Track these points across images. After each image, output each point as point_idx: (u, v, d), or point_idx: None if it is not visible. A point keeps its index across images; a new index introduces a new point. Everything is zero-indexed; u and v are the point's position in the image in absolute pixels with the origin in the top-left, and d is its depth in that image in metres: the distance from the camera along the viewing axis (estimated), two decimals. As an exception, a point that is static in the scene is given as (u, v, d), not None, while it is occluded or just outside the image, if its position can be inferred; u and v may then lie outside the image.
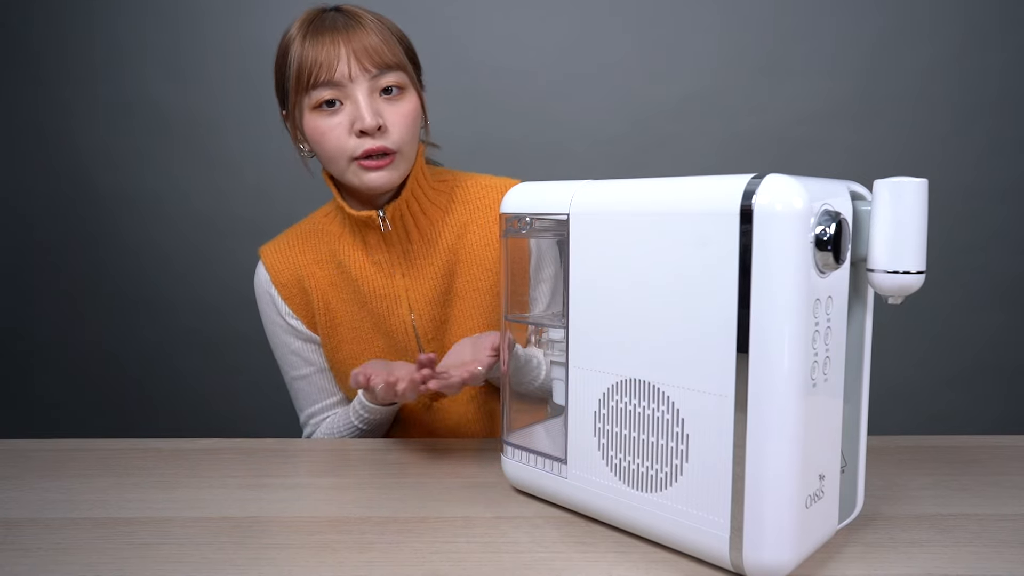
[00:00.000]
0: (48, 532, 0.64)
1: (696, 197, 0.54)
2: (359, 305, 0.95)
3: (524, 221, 0.67)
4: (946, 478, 0.74)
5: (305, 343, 0.99)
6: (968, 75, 1.77)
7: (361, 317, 0.96)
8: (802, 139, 1.80)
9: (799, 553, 0.53)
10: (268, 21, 1.80)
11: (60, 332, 1.93)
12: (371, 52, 0.83)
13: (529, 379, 0.79)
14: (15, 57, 1.83)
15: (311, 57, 0.82)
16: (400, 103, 0.86)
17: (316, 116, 0.84)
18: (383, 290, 0.94)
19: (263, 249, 1.00)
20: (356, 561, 0.58)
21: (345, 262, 0.95)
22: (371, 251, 0.94)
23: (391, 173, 0.86)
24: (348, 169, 0.86)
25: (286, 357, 1.00)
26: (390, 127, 0.85)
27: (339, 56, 0.82)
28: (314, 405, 1.00)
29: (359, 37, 0.83)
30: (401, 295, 0.94)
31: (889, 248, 0.53)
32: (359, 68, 0.82)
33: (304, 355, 0.99)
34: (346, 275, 0.95)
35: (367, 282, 0.95)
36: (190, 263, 1.89)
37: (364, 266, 0.94)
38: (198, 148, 1.85)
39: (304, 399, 1.01)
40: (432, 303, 0.95)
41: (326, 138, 0.85)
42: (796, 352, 0.50)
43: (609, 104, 1.81)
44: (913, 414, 1.88)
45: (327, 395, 1.00)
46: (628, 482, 0.60)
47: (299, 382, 1.00)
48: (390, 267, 0.94)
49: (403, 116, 0.86)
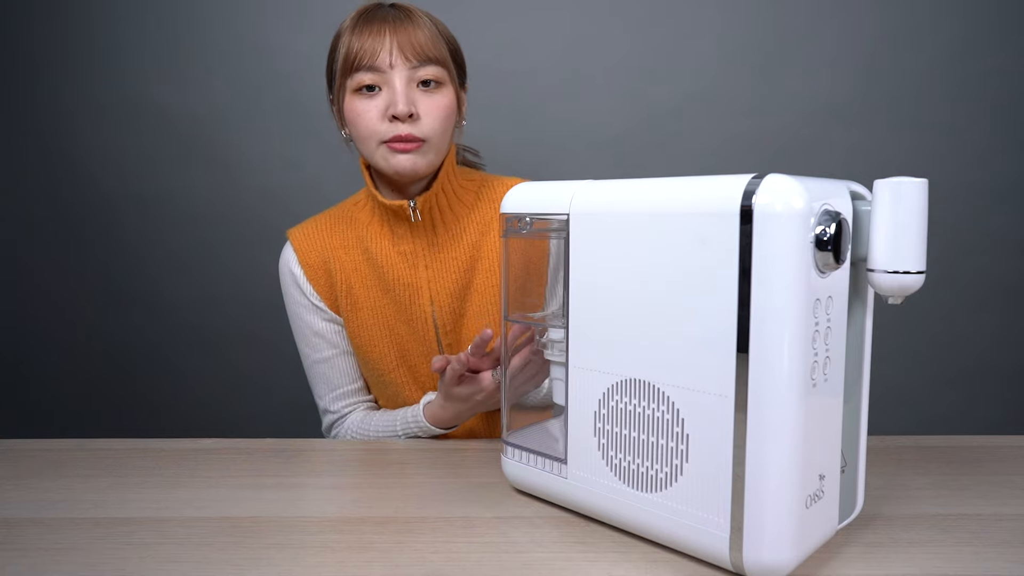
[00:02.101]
0: (48, 532, 0.64)
1: (696, 197, 0.54)
2: (383, 291, 0.98)
3: (524, 221, 0.67)
4: (946, 478, 0.74)
5: (328, 323, 1.00)
6: (968, 75, 1.77)
7: (384, 303, 0.98)
8: (802, 139, 1.80)
9: (799, 553, 0.53)
10: (269, 21, 1.80)
11: (60, 332, 1.93)
12: (414, 44, 0.87)
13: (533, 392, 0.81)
14: (15, 57, 1.83)
15: (358, 44, 0.87)
16: (435, 95, 0.89)
17: (355, 98, 0.89)
18: (407, 279, 0.97)
19: (291, 231, 1.02)
20: (356, 561, 0.58)
21: (371, 249, 0.97)
22: (398, 241, 0.97)
23: (418, 159, 0.89)
24: (377, 151, 0.89)
25: (308, 339, 1.01)
26: (423, 116, 0.88)
27: (383, 44, 0.87)
28: (336, 390, 1.01)
29: (406, 31, 0.87)
30: (423, 285, 0.97)
31: (889, 248, 0.53)
32: (400, 57, 0.87)
33: (327, 336, 1.01)
34: (372, 262, 0.98)
35: (392, 270, 0.97)
36: (190, 263, 1.89)
37: (390, 255, 0.97)
38: (199, 148, 1.85)
39: (325, 384, 1.02)
40: (452, 296, 0.97)
41: (360, 119, 0.89)
42: (796, 352, 0.50)
43: (609, 104, 1.81)
44: (913, 414, 1.88)
45: (350, 380, 1.02)
46: (628, 482, 0.60)
47: (321, 365, 1.01)
48: (415, 258, 0.97)
49: (437, 108, 0.89)
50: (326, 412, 1.03)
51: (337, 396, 1.02)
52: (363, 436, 0.99)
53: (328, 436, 1.03)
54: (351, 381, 1.02)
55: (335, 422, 1.02)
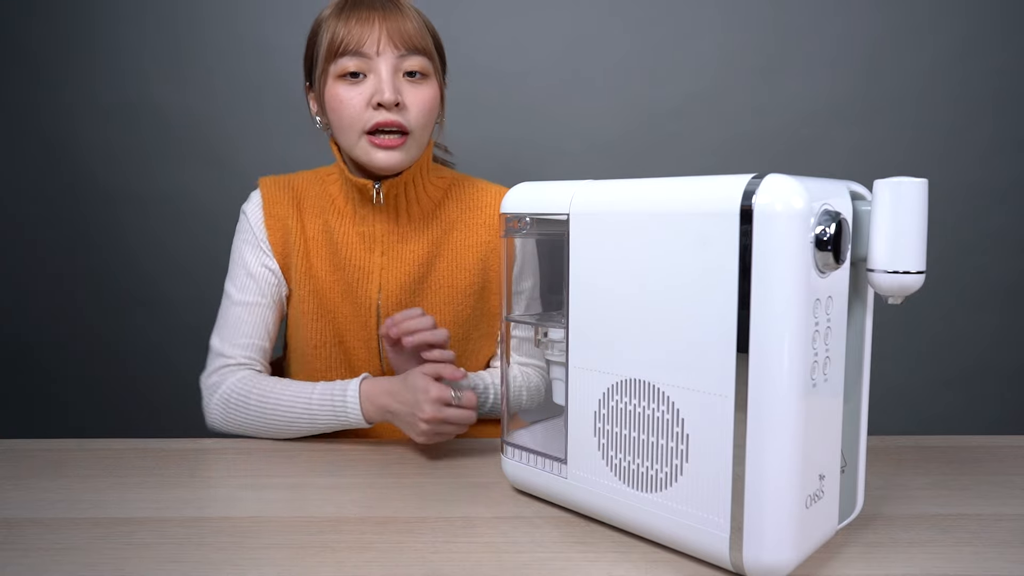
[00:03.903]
0: (48, 532, 0.64)
1: (696, 197, 0.54)
2: (334, 267, 0.96)
3: (524, 221, 0.67)
4: (946, 478, 0.74)
5: (266, 270, 0.96)
6: (968, 75, 1.77)
7: (335, 280, 0.96)
8: (802, 139, 1.80)
9: (799, 553, 0.53)
10: (269, 21, 1.80)
11: (60, 332, 1.93)
12: (403, 33, 0.86)
13: (479, 402, 0.81)
14: (15, 57, 1.83)
15: (344, 29, 0.85)
16: (421, 87, 0.88)
17: (338, 84, 0.87)
18: (358, 262, 0.95)
19: (263, 180, 0.99)
20: (356, 561, 0.58)
21: (331, 223, 0.96)
22: (359, 221, 0.95)
23: (401, 155, 0.88)
24: (358, 144, 0.88)
25: (239, 278, 0.95)
26: (409, 106, 0.87)
27: (371, 31, 0.85)
28: (243, 338, 0.93)
29: (394, 19, 0.86)
30: (375, 272, 0.95)
31: (889, 248, 0.53)
32: (389, 44, 0.85)
33: (259, 282, 0.95)
34: (329, 235, 0.96)
35: (346, 248, 0.95)
36: (190, 263, 1.89)
37: (348, 233, 0.95)
38: (198, 148, 1.85)
39: (234, 329, 0.93)
40: (403, 288, 0.95)
41: (344, 106, 0.86)
42: (796, 352, 0.50)
43: (609, 104, 1.81)
44: (913, 414, 1.88)
45: (261, 336, 0.94)
46: (628, 482, 0.60)
47: (239, 308, 0.94)
48: (372, 241, 0.95)
49: (422, 99, 0.88)
50: (220, 355, 0.93)
51: (242, 345, 0.93)
52: (249, 398, 0.87)
53: (206, 385, 0.91)
54: (262, 337, 0.94)
55: (224, 369, 0.92)
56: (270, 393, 0.87)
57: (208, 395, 0.91)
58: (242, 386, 0.88)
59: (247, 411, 0.87)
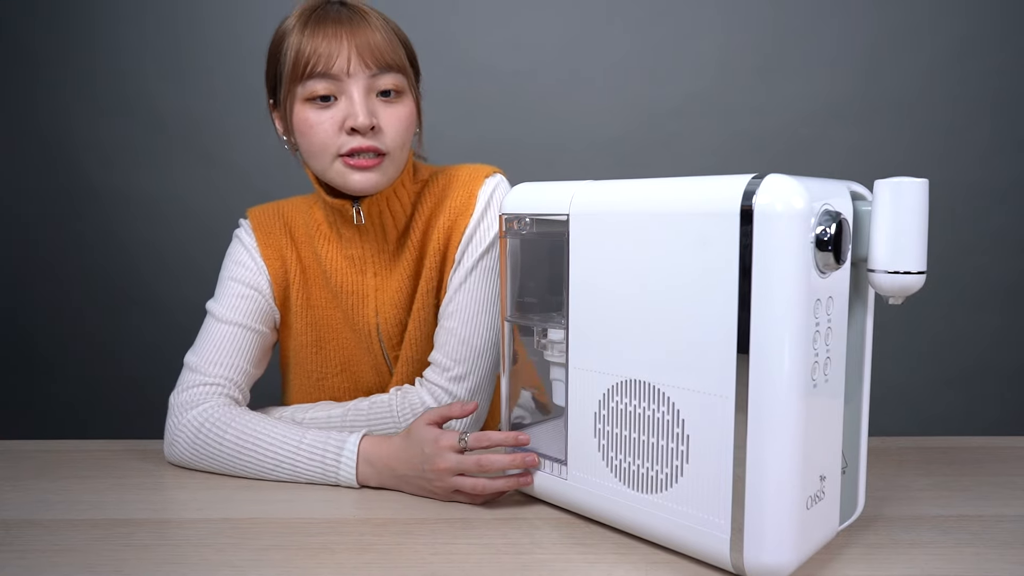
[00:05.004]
0: (46, 533, 0.64)
1: (696, 197, 0.53)
2: (331, 295, 0.92)
3: (524, 222, 0.67)
4: (947, 479, 0.74)
5: (259, 296, 0.89)
6: (968, 75, 1.77)
7: (334, 307, 0.92)
8: (802, 139, 1.80)
9: (800, 554, 0.53)
10: (269, 22, 1.80)
11: (58, 332, 1.93)
12: (373, 49, 0.79)
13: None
14: (15, 57, 1.83)
15: (310, 47, 0.78)
16: (396, 106, 0.82)
17: (307, 108, 0.80)
18: (352, 286, 0.90)
19: (252, 212, 0.94)
20: (355, 562, 0.58)
21: (319, 251, 0.91)
22: (345, 245, 0.90)
23: (379, 177, 0.82)
24: (331, 167, 0.81)
25: (228, 298, 0.88)
26: (385, 128, 0.81)
27: (340, 49, 0.78)
28: (223, 358, 0.85)
29: (363, 33, 0.79)
30: (370, 294, 0.91)
31: (889, 248, 0.53)
32: (359, 64, 0.79)
33: (251, 307, 0.88)
34: (320, 264, 0.91)
35: (337, 274, 0.90)
36: (189, 263, 1.89)
37: (336, 259, 0.90)
38: (198, 148, 1.85)
39: (215, 348, 0.85)
40: (397, 306, 0.91)
41: (314, 131, 0.80)
42: (796, 353, 0.50)
43: (609, 104, 1.81)
44: (914, 415, 1.88)
45: (244, 359, 0.86)
46: (628, 483, 0.60)
47: (225, 327, 0.86)
48: (363, 263, 0.90)
49: (399, 119, 0.82)
50: (195, 372, 0.84)
51: (223, 364, 0.85)
52: (226, 432, 0.78)
53: (176, 402, 0.82)
54: (247, 360, 0.87)
55: (199, 388, 0.82)
56: (251, 431, 0.77)
57: (177, 415, 0.80)
58: (220, 415, 0.79)
59: (220, 446, 0.77)
